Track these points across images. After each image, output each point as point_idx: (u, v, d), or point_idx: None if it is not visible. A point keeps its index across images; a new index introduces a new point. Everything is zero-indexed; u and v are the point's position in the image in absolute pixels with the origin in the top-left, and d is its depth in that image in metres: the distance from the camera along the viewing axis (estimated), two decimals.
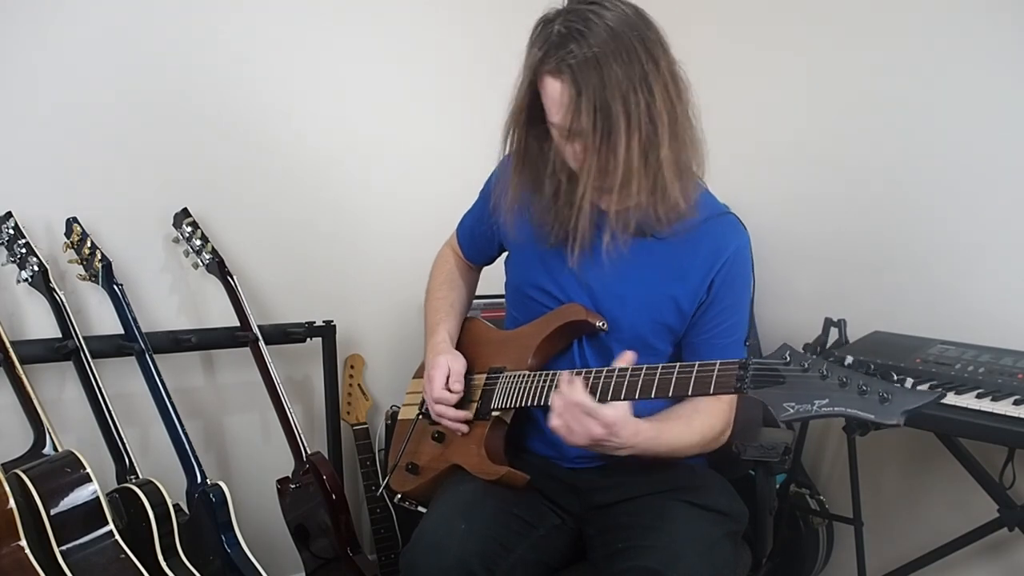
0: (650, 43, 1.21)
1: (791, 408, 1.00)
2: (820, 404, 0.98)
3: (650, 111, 1.20)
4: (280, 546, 1.95)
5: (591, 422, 1.19)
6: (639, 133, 1.20)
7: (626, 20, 1.21)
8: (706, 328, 1.36)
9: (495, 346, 1.50)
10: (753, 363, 1.07)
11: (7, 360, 1.65)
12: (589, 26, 1.19)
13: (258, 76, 2.10)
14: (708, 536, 1.28)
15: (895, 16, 1.94)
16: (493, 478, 1.36)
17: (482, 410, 1.43)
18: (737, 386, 1.08)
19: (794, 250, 2.16)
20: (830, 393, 0.98)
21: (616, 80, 1.18)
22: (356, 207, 2.27)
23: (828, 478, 2.15)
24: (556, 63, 1.20)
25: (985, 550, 1.81)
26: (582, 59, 1.18)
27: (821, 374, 1.00)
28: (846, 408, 0.96)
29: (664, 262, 1.34)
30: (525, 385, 1.37)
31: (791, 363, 1.03)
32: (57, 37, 1.84)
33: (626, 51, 1.18)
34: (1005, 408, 1.42)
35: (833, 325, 1.89)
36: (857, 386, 0.96)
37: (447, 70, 2.37)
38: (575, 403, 1.19)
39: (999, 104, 1.78)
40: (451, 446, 1.46)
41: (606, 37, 1.18)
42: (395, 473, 1.55)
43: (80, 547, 1.46)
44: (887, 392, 0.94)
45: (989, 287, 1.80)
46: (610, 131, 1.20)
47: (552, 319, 1.41)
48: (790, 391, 1.01)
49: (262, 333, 1.96)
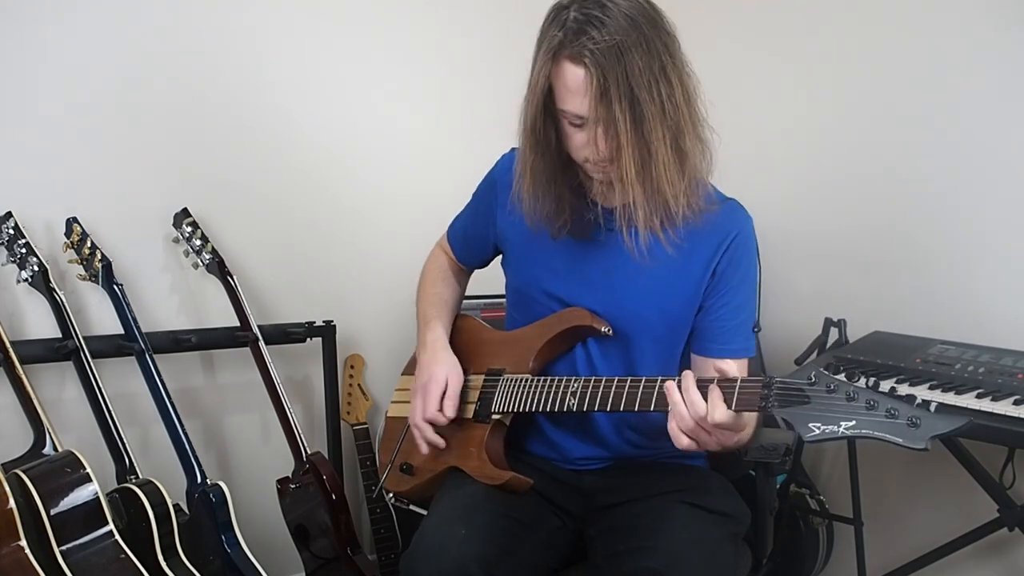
0: (665, 35, 1.19)
1: (816, 429, 0.99)
2: (847, 426, 0.98)
3: (673, 101, 1.18)
4: (280, 546, 1.95)
5: (726, 433, 1.13)
6: (667, 123, 1.17)
7: (641, 10, 1.18)
8: (712, 310, 1.35)
9: (492, 346, 1.48)
10: (777, 381, 1.06)
11: (7, 360, 1.65)
12: (607, 13, 1.16)
13: (258, 76, 2.10)
14: (710, 537, 1.28)
15: (896, 16, 1.94)
16: (497, 483, 1.34)
17: (481, 412, 1.41)
18: (761, 404, 1.06)
19: (794, 250, 2.16)
20: (857, 415, 0.98)
21: (639, 70, 1.15)
22: (356, 207, 2.27)
23: (828, 478, 2.15)
24: (578, 48, 1.16)
25: (985, 550, 1.81)
26: (604, 47, 1.14)
27: (848, 395, 0.99)
28: (873, 431, 0.96)
29: (669, 255, 1.31)
30: (530, 390, 1.35)
31: (816, 383, 1.02)
32: (57, 37, 1.84)
33: (646, 41, 1.16)
34: (1005, 408, 1.42)
35: (833, 325, 1.89)
36: (886, 409, 0.96)
37: (448, 71, 2.37)
38: (716, 424, 1.10)
39: (999, 104, 1.78)
40: (448, 448, 1.44)
41: (625, 26, 1.15)
42: (389, 473, 1.54)
43: (80, 547, 1.46)
44: (916, 417, 0.94)
45: (989, 287, 1.80)
46: (641, 120, 1.16)
47: (555, 323, 1.39)
48: (815, 411, 1.00)
49: (262, 333, 1.96)
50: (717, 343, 1.36)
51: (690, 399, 1.11)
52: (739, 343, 1.36)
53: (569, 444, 1.44)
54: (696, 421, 1.10)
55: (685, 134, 1.20)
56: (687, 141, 1.20)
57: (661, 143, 1.17)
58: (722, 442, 1.13)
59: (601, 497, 1.40)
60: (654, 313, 1.35)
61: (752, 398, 1.08)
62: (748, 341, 1.38)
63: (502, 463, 1.38)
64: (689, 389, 1.11)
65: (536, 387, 1.34)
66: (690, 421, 1.10)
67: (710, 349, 1.36)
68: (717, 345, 1.36)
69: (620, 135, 1.17)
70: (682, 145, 1.20)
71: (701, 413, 1.09)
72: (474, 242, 1.57)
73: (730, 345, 1.36)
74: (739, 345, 1.36)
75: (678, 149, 1.20)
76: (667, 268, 1.32)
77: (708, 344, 1.36)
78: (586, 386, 1.27)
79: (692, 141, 1.22)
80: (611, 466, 1.43)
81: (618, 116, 1.16)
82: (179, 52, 1.98)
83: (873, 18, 1.98)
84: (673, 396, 1.12)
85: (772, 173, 2.21)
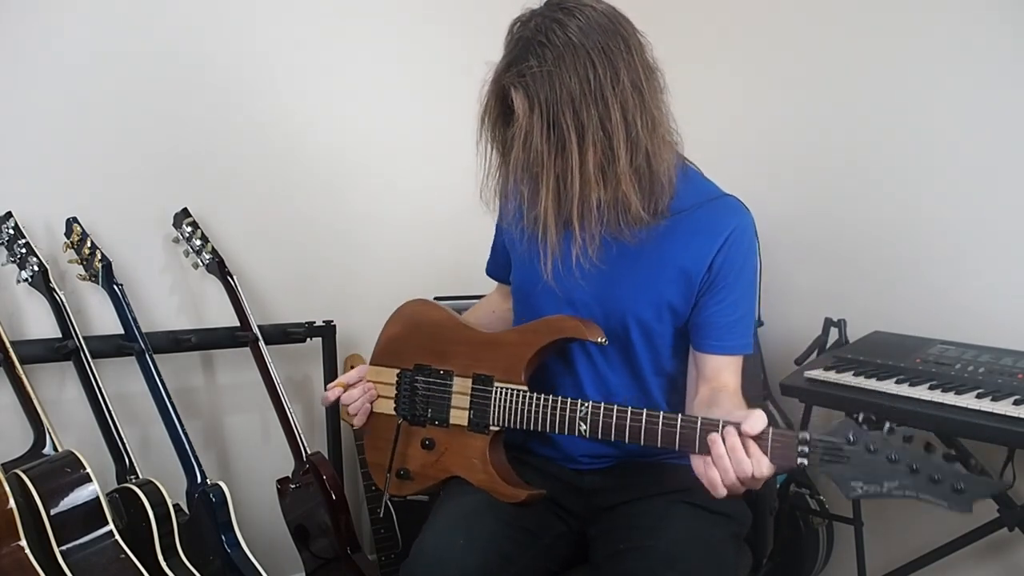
0: (612, 52, 1.20)
1: (860, 488, 1.04)
2: (890, 486, 1.02)
3: (604, 125, 1.19)
4: (280, 546, 1.95)
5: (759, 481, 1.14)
6: (593, 148, 1.20)
7: (591, 27, 1.20)
8: (709, 306, 1.34)
9: (473, 347, 1.42)
10: (815, 440, 1.07)
11: (7, 360, 1.65)
12: (550, 37, 1.19)
13: (258, 77, 2.10)
14: (711, 538, 1.28)
15: (895, 15, 1.94)
16: (511, 501, 1.32)
17: (477, 422, 1.37)
18: (799, 463, 1.08)
19: (794, 250, 2.15)
20: (900, 477, 1.01)
21: (568, 94, 1.18)
22: (356, 207, 2.27)
23: (828, 478, 2.14)
24: (515, 75, 1.21)
25: (985, 550, 1.81)
26: (537, 73, 1.19)
27: (889, 458, 1.02)
28: (918, 493, 1.00)
29: (664, 249, 1.32)
30: (532, 407, 1.32)
31: (856, 443, 1.04)
32: (58, 38, 1.84)
33: (583, 63, 1.18)
34: (1005, 408, 1.42)
35: (833, 325, 1.89)
36: (928, 475, 1.00)
37: (448, 70, 2.37)
38: (758, 479, 1.12)
39: (1000, 104, 1.78)
40: (447, 455, 1.40)
41: (562, 51, 1.18)
42: (389, 484, 1.48)
43: (80, 547, 1.46)
44: (960, 483, 0.98)
45: (989, 287, 1.80)
46: (563, 146, 1.20)
47: (543, 333, 1.36)
48: (856, 470, 1.04)
49: (262, 333, 1.96)
50: (714, 339, 1.35)
51: (737, 459, 1.11)
52: (735, 339, 1.36)
53: (572, 443, 1.43)
54: (739, 478, 1.11)
55: (619, 158, 1.20)
56: (622, 164, 1.21)
57: (589, 166, 1.20)
58: (752, 487, 1.14)
59: (602, 497, 1.40)
60: (649, 308, 1.35)
61: (789, 453, 1.09)
62: (746, 338, 1.37)
63: (512, 478, 1.35)
64: (736, 449, 1.11)
65: (539, 406, 1.31)
66: (732, 476, 1.11)
67: (707, 345, 1.36)
68: (714, 341, 1.35)
69: (547, 161, 1.21)
70: (618, 168, 1.21)
71: (748, 472, 1.10)
72: (499, 253, 1.58)
73: (727, 342, 1.35)
74: (736, 342, 1.36)
75: (614, 173, 1.21)
76: (663, 261, 1.32)
77: (705, 340, 1.36)
78: (596, 413, 1.25)
79: (636, 160, 1.22)
80: (614, 465, 1.43)
81: (541, 141, 1.20)
82: (179, 52, 1.98)
83: (875, 18, 1.97)
84: (717, 449, 1.12)
85: (772, 173, 2.21)
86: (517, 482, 1.35)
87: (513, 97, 1.23)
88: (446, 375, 1.42)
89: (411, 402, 1.45)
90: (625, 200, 1.23)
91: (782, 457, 1.09)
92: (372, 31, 2.27)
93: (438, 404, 1.42)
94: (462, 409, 1.39)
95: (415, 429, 1.45)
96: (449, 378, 1.42)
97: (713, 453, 1.12)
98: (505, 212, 1.45)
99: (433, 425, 1.42)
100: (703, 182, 1.38)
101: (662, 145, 1.25)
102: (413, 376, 1.45)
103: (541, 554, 1.34)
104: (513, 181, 1.30)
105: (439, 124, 2.37)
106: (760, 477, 1.10)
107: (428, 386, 1.44)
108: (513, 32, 1.25)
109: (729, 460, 1.11)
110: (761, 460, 1.10)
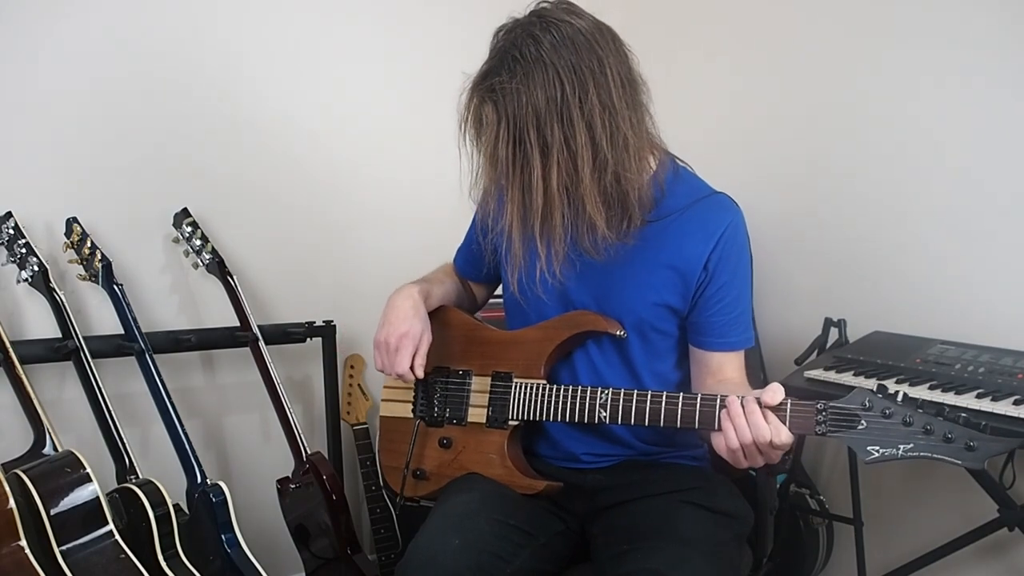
0: (582, 71, 1.19)
1: (876, 452, 1.08)
2: (905, 448, 1.06)
3: (568, 143, 1.19)
4: (280, 546, 1.95)
5: (777, 453, 1.17)
6: (556, 166, 1.19)
7: (564, 44, 1.19)
8: (707, 305, 1.35)
9: (492, 347, 1.46)
10: (831, 407, 1.11)
11: (7, 360, 1.65)
12: (523, 52, 1.19)
13: (258, 76, 2.10)
14: (714, 537, 1.28)
15: (895, 15, 1.94)
16: (531, 493, 1.37)
17: (496, 418, 1.40)
18: (818, 431, 1.12)
19: (794, 250, 2.15)
20: (915, 439, 1.06)
21: (533, 110, 1.18)
22: (357, 207, 2.27)
23: (828, 478, 2.14)
24: (486, 88, 1.22)
25: (985, 550, 1.81)
26: (507, 88, 1.19)
27: (904, 421, 1.07)
28: (932, 453, 1.05)
29: (658, 249, 1.33)
30: (552, 399, 1.34)
31: (872, 408, 1.09)
32: (57, 37, 1.84)
33: (551, 81, 1.18)
34: (1005, 408, 1.41)
35: (833, 325, 1.89)
36: (943, 434, 1.04)
37: (448, 70, 2.36)
38: (778, 446, 1.14)
39: (1000, 104, 1.78)
40: (464, 453, 1.43)
41: (532, 67, 1.18)
42: (405, 483, 1.50)
43: (80, 547, 1.46)
44: (972, 440, 1.03)
45: (989, 287, 1.80)
46: (527, 162, 1.20)
47: (562, 328, 1.38)
48: (872, 435, 1.08)
49: (262, 333, 1.96)
50: (715, 336, 1.37)
51: (754, 423, 1.14)
52: (736, 335, 1.37)
53: (574, 442, 1.44)
54: (756, 443, 1.14)
55: (583, 179, 1.20)
56: (585, 184, 1.20)
57: (552, 184, 1.20)
58: (771, 460, 1.17)
59: (604, 496, 1.40)
60: (647, 307, 1.36)
61: (807, 422, 1.13)
62: (746, 332, 1.39)
63: (529, 471, 1.39)
64: (754, 413, 1.14)
65: (558, 396, 1.33)
66: (749, 436, 1.14)
67: (709, 343, 1.37)
68: (717, 339, 1.37)
69: (511, 177, 1.22)
70: (580, 188, 1.21)
71: (766, 438, 1.13)
72: (474, 252, 1.58)
73: (727, 338, 1.37)
74: (736, 337, 1.38)
75: (576, 191, 1.21)
76: (658, 261, 1.33)
77: (706, 338, 1.37)
78: (616, 398, 1.27)
79: (601, 180, 1.22)
80: (617, 464, 1.43)
81: (505, 157, 1.20)
82: (179, 52, 1.98)
83: (871, 16, 1.97)
84: (734, 408, 1.16)
85: (771, 173, 2.21)
86: (534, 474, 1.38)
87: (483, 110, 1.24)
88: (464, 375, 1.46)
89: (428, 404, 1.47)
90: (590, 219, 1.23)
91: (801, 426, 1.13)
92: (372, 31, 2.26)
93: (456, 403, 1.45)
94: (480, 407, 1.43)
95: (432, 430, 1.48)
96: (468, 377, 1.45)
97: (730, 411, 1.16)
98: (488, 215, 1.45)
99: (451, 424, 1.44)
100: (694, 180, 1.39)
101: (634, 163, 1.24)
102: (431, 380, 1.48)
103: (539, 553, 1.34)
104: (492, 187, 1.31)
105: (440, 123, 2.36)
106: (780, 444, 1.13)
107: (446, 387, 1.47)
108: (496, 39, 1.26)
109: (746, 420, 1.14)
110: (780, 428, 1.13)
